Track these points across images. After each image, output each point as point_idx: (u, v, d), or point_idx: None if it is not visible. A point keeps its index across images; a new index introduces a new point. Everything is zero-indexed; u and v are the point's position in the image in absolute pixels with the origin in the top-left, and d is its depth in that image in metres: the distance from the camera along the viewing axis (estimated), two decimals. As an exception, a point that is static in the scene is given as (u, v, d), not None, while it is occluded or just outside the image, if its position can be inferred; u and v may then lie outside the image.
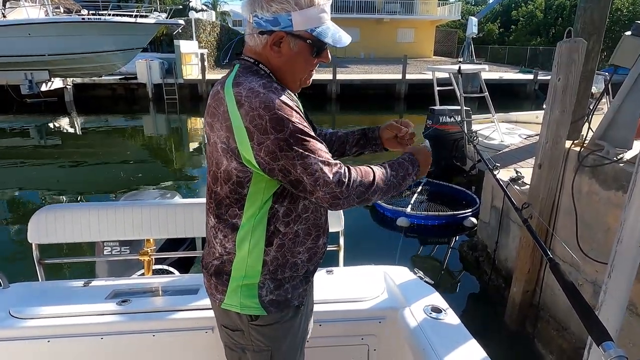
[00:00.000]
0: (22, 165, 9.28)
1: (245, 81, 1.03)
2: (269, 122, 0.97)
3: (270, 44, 1.07)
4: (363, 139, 1.43)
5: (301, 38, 1.07)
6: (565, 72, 2.82)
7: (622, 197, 2.49)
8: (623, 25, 23.08)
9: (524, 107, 15.37)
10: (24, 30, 13.48)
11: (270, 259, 1.13)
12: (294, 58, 1.09)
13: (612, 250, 1.29)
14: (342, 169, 1.03)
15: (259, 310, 1.15)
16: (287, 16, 1.03)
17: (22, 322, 1.59)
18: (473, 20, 24.43)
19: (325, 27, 1.08)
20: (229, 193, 1.10)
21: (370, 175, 1.07)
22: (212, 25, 24.83)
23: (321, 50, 1.11)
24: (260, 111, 0.98)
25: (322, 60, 1.15)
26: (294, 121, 1.00)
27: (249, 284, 1.14)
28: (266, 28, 1.05)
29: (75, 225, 1.96)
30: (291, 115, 1.00)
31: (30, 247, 1.97)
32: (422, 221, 5.69)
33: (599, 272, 2.63)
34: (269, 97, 0.99)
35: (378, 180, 1.07)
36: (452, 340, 1.43)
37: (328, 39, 1.08)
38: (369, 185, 1.05)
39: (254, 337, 1.19)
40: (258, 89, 1.00)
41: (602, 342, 0.86)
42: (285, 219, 1.12)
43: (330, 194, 1.00)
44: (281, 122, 0.98)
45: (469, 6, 42.72)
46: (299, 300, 1.21)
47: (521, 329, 3.48)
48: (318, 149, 1.01)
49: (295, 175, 1.00)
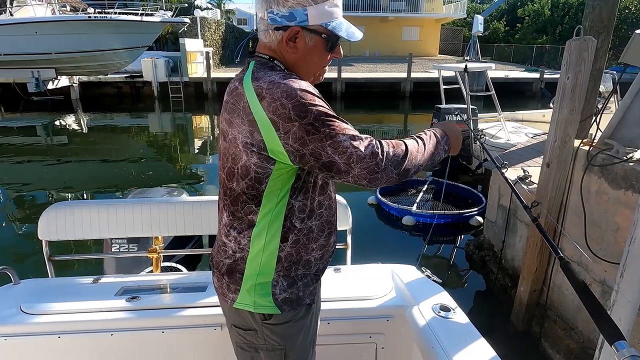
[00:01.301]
0: (29, 163, 9.34)
1: (264, 75, 1.04)
2: (292, 109, 0.97)
3: (285, 39, 1.07)
4: None
5: (316, 32, 1.08)
6: (575, 70, 2.79)
7: (631, 197, 2.47)
8: (631, 23, 22.89)
9: (530, 105, 15.32)
10: (30, 28, 13.56)
11: (285, 255, 1.13)
12: (310, 53, 1.10)
13: (624, 250, 1.28)
14: (374, 141, 1.02)
15: (273, 309, 1.14)
16: (303, 11, 1.04)
17: (33, 318, 1.61)
18: (479, 18, 24.25)
19: (339, 21, 1.10)
20: (246, 189, 1.09)
21: (402, 145, 1.06)
22: (217, 23, 24.84)
23: (335, 44, 1.12)
24: (283, 100, 0.98)
25: (335, 56, 1.15)
26: (317, 104, 1.00)
27: (263, 283, 1.14)
28: (281, 23, 1.05)
29: (84, 223, 1.97)
30: (313, 99, 1.00)
31: (40, 244, 1.98)
32: (427, 220, 5.68)
33: (608, 271, 2.62)
34: (289, 86, 0.99)
35: (411, 148, 1.06)
36: (461, 339, 1.43)
37: (342, 32, 1.10)
38: (404, 154, 1.04)
39: (268, 336, 1.18)
40: (279, 81, 1.01)
41: (614, 341, 0.85)
42: (301, 214, 1.12)
43: (367, 169, 0.98)
44: (304, 108, 0.98)
45: (474, 4, 42.45)
46: (310, 298, 1.21)
47: (528, 329, 3.46)
48: (345, 128, 1.01)
49: (327, 156, 0.99)
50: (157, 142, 12.33)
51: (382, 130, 13.64)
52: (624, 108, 2.65)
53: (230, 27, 28.63)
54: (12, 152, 10.27)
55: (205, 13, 26.05)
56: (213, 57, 20.28)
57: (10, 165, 9.17)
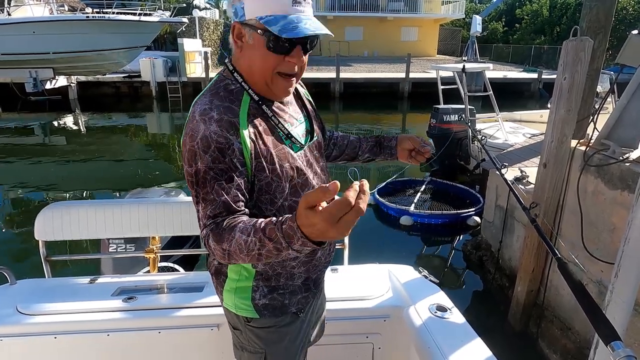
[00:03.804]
0: (27, 163, 9.31)
1: (199, 101, 1.02)
2: (187, 152, 0.97)
3: (233, 38, 1.03)
4: (377, 147, 1.41)
5: (253, 28, 0.96)
6: (572, 71, 2.80)
7: (628, 197, 2.48)
8: (628, 24, 22.94)
9: (528, 106, 15.33)
10: (28, 28, 13.51)
11: (261, 270, 1.13)
12: (250, 52, 1.00)
13: (619, 250, 1.29)
14: (206, 231, 0.94)
15: (251, 312, 1.15)
16: (240, 4, 0.97)
17: (29, 318, 1.60)
18: (477, 18, 24.32)
19: (280, 15, 0.93)
20: None
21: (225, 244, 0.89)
22: (216, 23, 24.82)
23: (276, 43, 0.96)
24: (186, 139, 0.97)
25: (290, 60, 0.99)
26: (204, 161, 0.94)
27: (243, 287, 1.14)
28: (232, 21, 1.01)
29: (81, 223, 1.96)
30: (206, 153, 0.94)
31: (36, 244, 1.98)
32: (425, 220, 5.69)
33: (604, 272, 2.62)
34: (198, 126, 0.96)
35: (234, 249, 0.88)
36: (457, 339, 1.43)
37: (275, 27, 0.92)
38: (222, 254, 0.91)
39: (250, 338, 1.19)
40: (196, 115, 0.98)
41: (610, 341, 0.86)
42: None
43: (203, 240, 0.97)
44: (194, 157, 0.95)
45: (473, 4, 42.49)
46: (298, 307, 1.19)
47: (525, 329, 3.47)
48: (209, 201, 0.94)
49: (196, 206, 0.99)
50: (155, 142, 12.31)
51: (382, 130, 13.65)
52: (620, 108, 2.66)
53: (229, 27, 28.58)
54: (9, 152, 10.24)
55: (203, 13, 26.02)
56: (211, 57, 20.25)
57: (7, 165, 9.14)
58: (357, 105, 17.24)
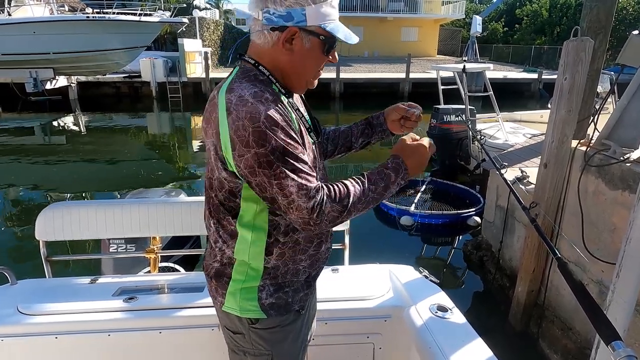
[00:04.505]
0: (27, 163, 9.31)
1: (238, 88, 1.00)
2: (252, 134, 0.94)
3: (282, 40, 1.03)
4: (368, 128, 1.38)
5: (314, 34, 1.03)
6: (572, 71, 2.80)
7: (628, 197, 2.48)
8: (628, 24, 22.95)
9: (528, 106, 15.33)
10: (28, 28, 13.53)
11: (271, 266, 1.13)
12: (306, 55, 1.06)
13: (620, 250, 1.29)
14: (319, 194, 0.97)
15: (258, 313, 1.14)
16: (302, 10, 1.00)
17: (30, 318, 1.60)
18: (477, 19, 24.32)
19: (337, 23, 1.06)
20: (224, 200, 1.09)
21: (346, 198, 1.00)
22: (216, 23, 24.82)
23: (332, 47, 1.08)
24: (245, 122, 0.94)
25: (330, 60, 1.11)
26: (278, 137, 0.95)
27: (249, 287, 1.14)
28: (278, 24, 1.01)
29: (82, 223, 1.97)
30: (276, 130, 0.95)
31: (37, 244, 1.98)
32: (426, 220, 5.69)
33: (605, 272, 2.62)
34: (256, 108, 0.95)
35: (354, 200, 1.01)
36: (458, 340, 1.43)
37: (340, 34, 1.05)
38: (343, 209, 1.00)
39: (255, 340, 1.18)
40: (247, 98, 0.96)
41: (611, 341, 0.86)
42: (285, 228, 1.10)
43: (302, 220, 0.98)
44: (264, 137, 0.94)
45: (473, 5, 42.50)
46: (300, 304, 1.19)
47: (525, 329, 3.47)
48: (298, 171, 0.97)
49: (271, 193, 0.97)
50: (155, 142, 12.32)
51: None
52: (621, 109, 2.66)
53: (229, 27, 28.58)
54: (10, 152, 10.25)
55: (203, 13, 26.06)
56: (212, 57, 20.26)
57: (8, 165, 9.14)
58: (357, 106, 17.24)
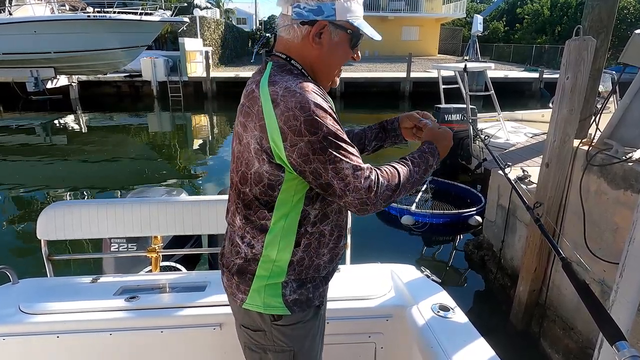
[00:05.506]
0: (28, 163, 9.32)
1: (281, 80, 1.02)
2: (304, 123, 0.97)
3: (312, 34, 1.07)
4: (382, 132, 1.41)
5: (342, 28, 1.08)
6: (574, 70, 2.80)
7: (630, 197, 2.47)
8: (630, 23, 22.91)
9: (529, 105, 15.33)
10: (29, 27, 13.54)
11: (297, 259, 1.13)
12: (334, 49, 1.10)
13: (623, 250, 1.28)
14: (373, 174, 1.02)
15: (282, 310, 1.14)
16: (332, 5, 1.05)
17: (32, 317, 1.60)
18: (478, 18, 24.22)
19: (362, 20, 1.11)
20: (259, 195, 1.09)
21: (396, 178, 1.06)
22: (217, 23, 24.81)
23: (358, 41, 1.12)
24: (296, 112, 0.97)
25: (354, 56, 1.15)
26: (329, 124, 0.99)
27: (273, 284, 1.14)
28: (308, 18, 1.05)
29: (83, 222, 1.97)
30: (325, 117, 0.99)
31: (39, 243, 1.98)
32: (427, 219, 5.68)
33: (607, 271, 2.62)
34: (305, 97, 0.98)
35: (404, 181, 1.08)
36: (460, 339, 1.43)
37: (367, 30, 1.10)
38: (395, 188, 1.05)
39: (276, 337, 1.17)
40: (295, 89, 0.99)
41: (615, 341, 0.85)
42: (315, 219, 1.12)
43: (359, 200, 1.00)
44: (315, 124, 0.97)
45: (474, 4, 42.42)
46: (320, 300, 1.20)
47: (527, 328, 3.47)
48: (350, 154, 1.01)
49: (327, 178, 1.00)
50: (156, 141, 12.32)
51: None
52: (623, 108, 2.65)
53: (230, 26, 28.60)
54: (11, 152, 10.25)
55: (204, 12, 26.01)
56: (212, 57, 20.25)
57: (9, 165, 9.16)
58: (358, 105, 17.23)
